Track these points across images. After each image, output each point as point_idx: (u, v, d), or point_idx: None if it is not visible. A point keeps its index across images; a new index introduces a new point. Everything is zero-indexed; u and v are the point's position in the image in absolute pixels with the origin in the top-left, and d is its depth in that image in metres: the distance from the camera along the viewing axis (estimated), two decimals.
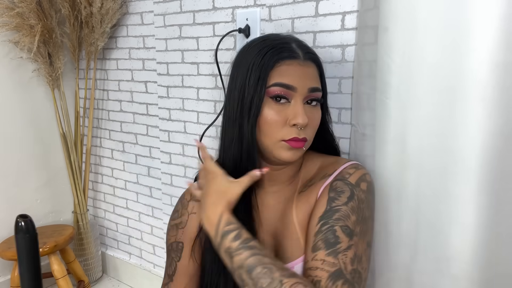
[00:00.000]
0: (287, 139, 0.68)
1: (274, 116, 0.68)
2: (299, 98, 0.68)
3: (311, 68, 0.71)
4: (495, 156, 0.69)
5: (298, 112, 0.67)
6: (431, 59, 0.73)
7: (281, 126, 0.68)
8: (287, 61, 0.68)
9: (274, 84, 0.68)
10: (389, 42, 0.78)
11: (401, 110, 0.78)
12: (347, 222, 0.66)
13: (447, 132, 0.73)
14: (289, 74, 0.68)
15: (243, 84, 0.69)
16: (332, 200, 0.69)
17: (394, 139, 0.80)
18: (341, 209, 0.67)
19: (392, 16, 0.76)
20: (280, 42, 0.70)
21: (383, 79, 0.80)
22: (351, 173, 0.72)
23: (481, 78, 0.68)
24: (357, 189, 0.70)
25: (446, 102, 0.72)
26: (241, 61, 0.73)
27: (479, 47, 0.67)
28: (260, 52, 0.69)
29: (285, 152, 0.69)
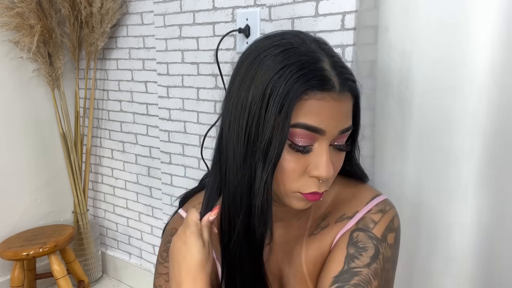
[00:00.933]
0: (305, 193, 0.53)
1: (291, 164, 0.52)
2: (325, 143, 0.52)
3: (347, 103, 0.53)
4: (494, 155, 0.70)
5: (322, 163, 0.51)
6: (431, 59, 0.73)
7: (298, 176, 0.53)
8: (319, 94, 0.50)
9: (297, 125, 0.50)
10: (389, 42, 0.78)
11: (401, 110, 0.78)
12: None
13: (447, 131, 0.73)
14: (318, 113, 0.50)
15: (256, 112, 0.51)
16: (352, 259, 0.56)
17: (394, 139, 0.80)
18: (361, 272, 0.55)
19: (392, 16, 0.76)
20: (307, 59, 0.51)
21: (383, 79, 0.80)
22: (377, 220, 0.58)
23: (481, 78, 0.68)
24: (383, 245, 0.57)
25: (446, 101, 0.72)
26: (256, 73, 0.52)
27: (479, 47, 0.67)
28: (282, 72, 0.50)
29: (298, 202, 0.55)
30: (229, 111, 0.55)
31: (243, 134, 0.53)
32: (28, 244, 1.49)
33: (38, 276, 1.63)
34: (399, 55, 0.76)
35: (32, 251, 1.44)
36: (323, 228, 0.62)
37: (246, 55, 0.56)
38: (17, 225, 1.69)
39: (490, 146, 0.69)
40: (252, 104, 0.51)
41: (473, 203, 0.73)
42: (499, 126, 0.68)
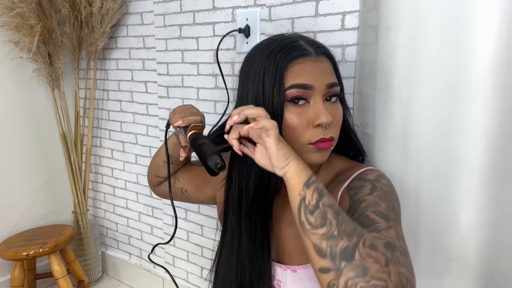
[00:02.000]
0: (314, 142, 0.64)
1: (295, 120, 0.64)
2: (318, 97, 0.64)
3: (325, 63, 0.67)
4: (496, 156, 0.70)
5: (320, 111, 0.63)
6: (432, 58, 0.73)
7: (305, 129, 0.64)
8: (299, 59, 0.64)
9: (290, 86, 0.64)
10: (390, 42, 0.78)
11: (401, 110, 0.78)
12: (378, 207, 0.59)
13: (448, 132, 0.73)
14: (303, 73, 0.64)
15: (257, 92, 0.65)
16: (354, 195, 0.64)
17: (394, 139, 0.80)
18: (366, 199, 0.61)
19: (393, 16, 0.76)
20: (287, 42, 0.67)
21: (384, 79, 0.80)
22: (368, 173, 0.68)
23: (483, 78, 0.68)
24: (378, 182, 0.65)
25: (447, 102, 0.72)
26: (249, 70, 0.68)
27: (481, 46, 0.67)
28: (269, 56, 0.65)
29: (313, 155, 0.65)
30: (237, 102, 0.71)
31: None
32: (28, 244, 1.49)
33: (38, 276, 1.63)
34: (400, 55, 0.76)
35: (32, 251, 1.45)
36: None
37: (244, 60, 0.72)
38: (17, 225, 1.69)
39: (491, 147, 0.69)
40: (253, 87, 0.66)
41: (474, 204, 0.73)
42: (500, 126, 0.68)
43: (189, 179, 0.93)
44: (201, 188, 0.92)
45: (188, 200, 0.96)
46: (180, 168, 0.94)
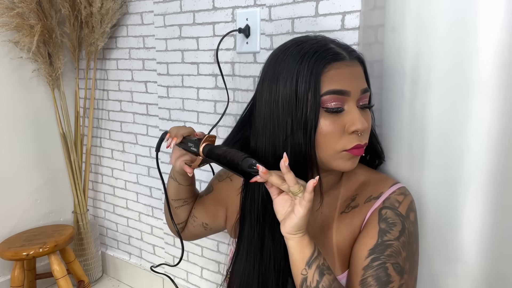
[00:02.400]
0: (349, 148, 0.63)
1: (330, 127, 0.62)
2: (352, 103, 0.63)
3: (358, 68, 0.66)
4: (501, 156, 0.69)
5: (355, 117, 0.62)
6: (437, 59, 0.73)
7: (340, 136, 0.63)
8: (335, 64, 0.62)
9: (327, 92, 0.61)
10: (396, 42, 0.78)
11: (407, 110, 0.78)
12: (398, 259, 0.63)
13: (453, 131, 0.73)
14: (339, 78, 0.62)
15: (289, 97, 0.62)
16: (384, 233, 0.65)
17: (399, 139, 0.80)
18: (393, 245, 0.64)
19: (399, 16, 0.76)
20: (319, 45, 0.64)
21: (389, 79, 0.81)
22: (400, 201, 0.68)
23: (488, 78, 0.68)
24: (408, 221, 0.66)
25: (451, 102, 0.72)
26: (279, 72, 0.64)
27: (486, 47, 0.67)
28: (303, 58, 0.62)
29: (345, 162, 0.64)
30: (263, 101, 0.66)
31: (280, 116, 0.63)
32: (28, 244, 1.49)
33: (38, 276, 1.63)
34: (405, 55, 0.76)
35: (32, 251, 1.45)
36: (353, 208, 0.71)
37: (268, 62, 0.68)
38: (17, 225, 1.69)
39: (495, 147, 0.69)
40: (283, 91, 0.63)
41: (477, 204, 0.73)
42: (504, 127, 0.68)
43: (205, 211, 0.91)
44: (216, 213, 0.90)
45: (212, 231, 0.94)
46: (193, 205, 0.93)
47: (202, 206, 0.91)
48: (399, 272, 0.63)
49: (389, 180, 0.72)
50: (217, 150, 0.68)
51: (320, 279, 0.60)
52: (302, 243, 0.61)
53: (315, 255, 0.61)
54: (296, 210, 0.59)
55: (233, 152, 0.65)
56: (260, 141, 0.67)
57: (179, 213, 0.91)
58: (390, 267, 0.62)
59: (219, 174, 0.92)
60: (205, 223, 0.91)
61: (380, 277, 0.62)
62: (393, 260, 0.63)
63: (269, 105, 0.65)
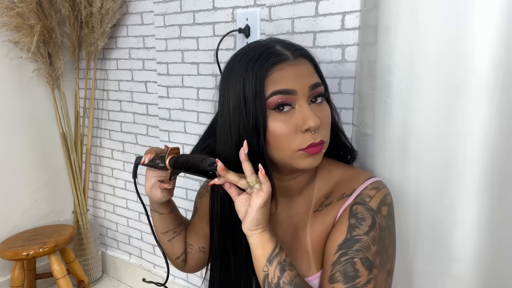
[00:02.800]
0: (304, 148, 0.62)
1: (282, 127, 0.62)
2: (302, 100, 0.63)
3: (305, 65, 0.65)
4: (496, 156, 0.69)
5: (306, 115, 0.61)
6: (432, 59, 0.73)
7: (293, 136, 0.62)
8: (278, 65, 0.62)
9: (271, 94, 0.62)
10: (389, 42, 0.78)
11: (401, 110, 0.78)
12: (367, 253, 0.63)
13: (447, 132, 0.73)
14: (283, 78, 0.62)
15: (238, 105, 0.63)
16: (353, 228, 0.65)
17: (393, 139, 0.80)
18: (361, 239, 0.63)
19: (393, 16, 0.76)
20: (264, 49, 0.64)
21: (383, 79, 0.80)
22: (372, 195, 0.67)
23: (482, 78, 0.68)
24: (379, 215, 0.66)
25: (447, 102, 0.72)
26: (228, 82, 0.66)
27: (480, 47, 0.67)
28: (247, 66, 0.63)
29: (304, 160, 0.64)
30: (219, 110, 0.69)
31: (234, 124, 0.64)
32: (28, 244, 1.49)
33: (38, 276, 1.63)
34: (399, 55, 0.76)
35: (32, 251, 1.45)
36: (326, 206, 0.71)
37: (223, 72, 0.70)
38: (17, 225, 1.69)
39: (491, 147, 0.69)
40: (234, 100, 0.64)
41: (474, 204, 0.73)
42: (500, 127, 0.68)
43: (196, 236, 0.88)
44: (206, 233, 0.86)
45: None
46: (185, 233, 0.90)
47: (193, 231, 0.89)
48: (368, 267, 0.62)
49: (363, 175, 0.71)
50: (180, 158, 0.71)
51: (281, 275, 0.61)
52: (262, 239, 0.62)
53: (276, 251, 0.62)
54: (252, 203, 0.60)
55: (194, 156, 0.68)
56: (218, 148, 0.69)
57: (174, 246, 0.88)
58: (358, 261, 0.62)
59: (199, 191, 0.91)
60: (201, 247, 0.88)
61: (347, 272, 0.62)
62: (361, 255, 0.62)
63: (222, 113, 0.67)
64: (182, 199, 1.49)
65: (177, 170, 0.72)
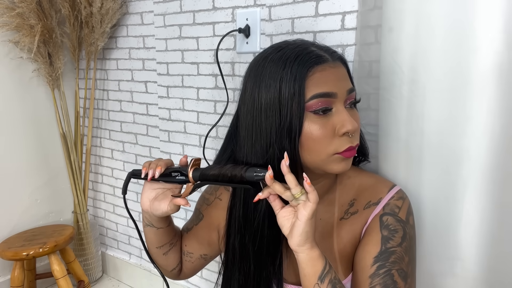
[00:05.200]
0: (342, 151, 0.61)
1: (319, 130, 0.60)
2: (340, 104, 0.62)
3: (342, 69, 0.65)
4: (499, 155, 0.69)
5: (345, 119, 0.61)
6: (435, 58, 0.73)
7: (330, 139, 0.61)
8: (319, 66, 0.61)
9: (313, 96, 0.60)
10: (393, 42, 0.78)
11: (405, 110, 0.78)
12: (402, 265, 0.65)
13: (451, 131, 0.73)
14: (325, 80, 0.60)
15: (272, 103, 0.60)
16: (387, 240, 0.66)
17: (397, 138, 0.80)
18: (396, 251, 0.66)
19: (397, 16, 0.76)
20: (300, 49, 0.62)
21: (387, 79, 0.80)
22: (400, 206, 0.69)
23: (486, 78, 0.68)
24: (408, 226, 0.68)
25: (450, 101, 0.72)
26: (261, 81, 0.62)
27: (484, 47, 0.67)
28: (285, 64, 0.60)
29: (338, 164, 0.63)
30: (245, 111, 0.65)
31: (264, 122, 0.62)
32: (28, 244, 1.49)
33: (38, 276, 1.63)
34: (402, 55, 0.76)
35: (32, 251, 1.44)
36: (353, 214, 0.71)
37: (249, 71, 0.66)
38: (17, 225, 1.69)
39: (494, 147, 0.69)
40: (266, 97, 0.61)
41: (476, 204, 0.73)
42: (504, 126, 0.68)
43: (199, 243, 0.84)
44: (210, 240, 0.83)
45: (212, 258, 0.88)
46: (180, 242, 0.85)
47: (195, 239, 0.84)
48: (404, 278, 0.65)
49: (386, 184, 0.72)
50: (211, 171, 0.65)
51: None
52: (312, 256, 0.60)
53: (327, 269, 0.61)
54: (300, 214, 0.58)
55: (231, 168, 0.63)
56: (243, 152, 0.65)
57: (170, 258, 0.82)
58: (395, 273, 0.64)
59: (205, 198, 0.86)
60: (203, 255, 0.85)
61: (387, 284, 0.64)
62: (398, 267, 0.65)
63: (251, 114, 0.63)
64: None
65: (203, 182, 0.67)
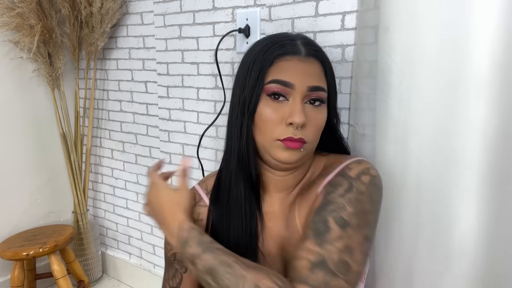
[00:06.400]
0: (282, 139, 0.64)
1: (270, 113, 0.65)
2: (297, 96, 0.64)
3: (313, 65, 0.67)
4: (496, 155, 0.70)
5: (294, 110, 0.63)
6: (432, 58, 0.73)
7: (277, 124, 0.65)
8: (287, 57, 0.65)
9: (271, 81, 0.65)
10: (389, 42, 0.78)
11: (402, 110, 0.78)
12: (342, 213, 0.61)
13: (448, 131, 0.73)
14: (287, 70, 0.65)
15: (243, 82, 0.68)
16: (328, 193, 0.65)
17: (394, 139, 0.80)
18: (335, 201, 0.63)
19: (393, 16, 0.76)
20: (284, 39, 0.68)
21: (383, 79, 0.81)
22: (352, 167, 0.67)
23: (482, 77, 0.68)
24: (357, 181, 0.65)
25: (447, 101, 0.72)
26: (245, 60, 0.70)
27: (480, 46, 0.67)
28: (262, 49, 0.67)
29: (281, 152, 0.65)
30: (233, 88, 0.73)
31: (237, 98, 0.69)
32: (28, 244, 1.49)
33: (38, 276, 1.63)
34: (399, 55, 0.76)
35: (32, 251, 1.44)
36: (310, 187, 0.71)
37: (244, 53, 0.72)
38: (17, 225, 1.69)
39: (491, 146, 0.70)
40: (242, 76, 0.69)
41: (473, 204, 0.73)
42: (500, 126, 0.68)
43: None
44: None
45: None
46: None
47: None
48: (341, 225, 0.59)
49: (349, 157, 0.71)
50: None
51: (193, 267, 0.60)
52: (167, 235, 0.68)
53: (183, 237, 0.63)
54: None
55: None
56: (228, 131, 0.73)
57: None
58: (330, 219, 0.60)
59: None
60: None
61: (318, 228, 0.60)
62: (335, 214, 0.61)
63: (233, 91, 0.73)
64: None
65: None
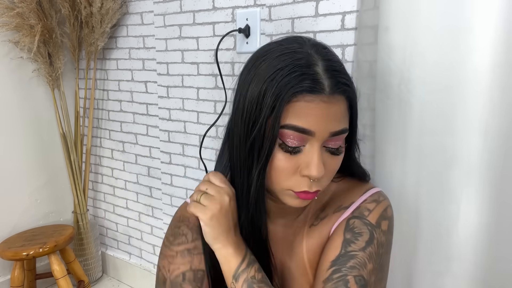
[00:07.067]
0: (296, 191, 0.56)
1: (283, 163, 0.55)
2: (316, 144, 0.54)
3: (338, 105, 0.54)
4: (495, 155, 0.70)
5: (312, 161, 0.53)
6: (431, 59, 0.73)
7: (291, 175, 0.55)
8: (307, 96, 0.51)
9: (287, 126, 0.52)
10: (389, 42, 0.78)
11: (401, 110, 0.78)
12: (362, 271, 0.57)
13: (447, 132, 0.73)
14: (307, 115, 0.52)
15: (253, 110, 0.54)
16: (348, 243, 0.59)
17: (394, 139, 0.80)
18: (357, 256, 0.58)
19: (393, 16, 0.76)
20: (302, 62, 0.52)
21: (383, 79, 0.80)
22: (371, 209, 0.61)
23: (482, 78, 0.68)
24: (377, 230, 0.60)
25: (446, 101, 0.72)
26: (250, 81, 0.56)
27: (480, 47, 0.67)
28: (276, 74, 0.52)
29: (293, 200, 0.58)
30: (234, 107, 0.60)
31: (243, 132, 0.56)
32: (28, 244, 1.49)
33: (38, 276, 1.63)
34: (399, 55, 0.76)
35: (32, 251, 1.44)
36: (322, 219, 0.65)
37: (249, 59, 0.59)
38: (17, 225, 1.69)
39: (491, 146, 0.69)
40: (249, 105, 0.55)
41: (473, 204, 0.73)
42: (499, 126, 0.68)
43: None
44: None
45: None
46: None
47: None
48: (362, 286, 0.56)
49: (362, 187, 0.65)
50: None
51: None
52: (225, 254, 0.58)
53: (241, 268, 0.57)
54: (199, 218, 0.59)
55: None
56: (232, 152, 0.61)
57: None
58: (351, 280, 0.56)
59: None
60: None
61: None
62: (356, 273, 0.56)
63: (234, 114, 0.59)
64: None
65: None
